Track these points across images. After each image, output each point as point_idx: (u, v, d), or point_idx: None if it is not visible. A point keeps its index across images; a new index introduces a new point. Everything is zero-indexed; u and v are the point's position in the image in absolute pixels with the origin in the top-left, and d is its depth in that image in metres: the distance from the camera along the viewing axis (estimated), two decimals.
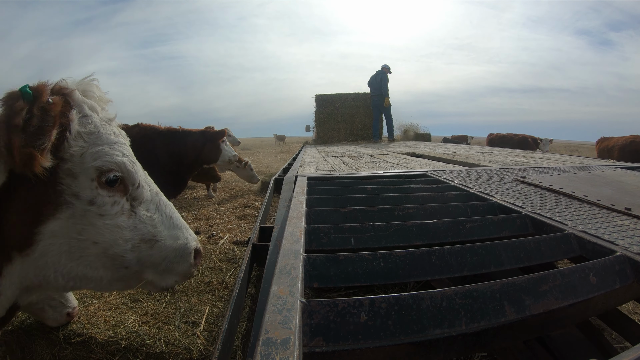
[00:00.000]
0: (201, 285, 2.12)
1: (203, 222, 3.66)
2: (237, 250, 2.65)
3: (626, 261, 0.74)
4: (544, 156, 3.49)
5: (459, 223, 1.00)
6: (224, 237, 3.05)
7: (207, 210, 4.15)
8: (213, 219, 3.80)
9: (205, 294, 2.02)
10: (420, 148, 4.81)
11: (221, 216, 3.90)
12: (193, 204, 4.60)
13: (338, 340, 0.51)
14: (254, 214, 3.91)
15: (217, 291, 2.05)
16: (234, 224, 3.53)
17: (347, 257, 0.73)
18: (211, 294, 2.02)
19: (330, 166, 2.80)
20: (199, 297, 1.98)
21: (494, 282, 0.61)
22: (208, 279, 2.20)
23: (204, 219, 3.78)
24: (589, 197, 1.27)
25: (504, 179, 1.72)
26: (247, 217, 3.84)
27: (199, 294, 2.02)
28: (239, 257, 2.51)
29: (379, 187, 1.55)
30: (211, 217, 3.88)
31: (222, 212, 4.05)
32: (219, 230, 3.32)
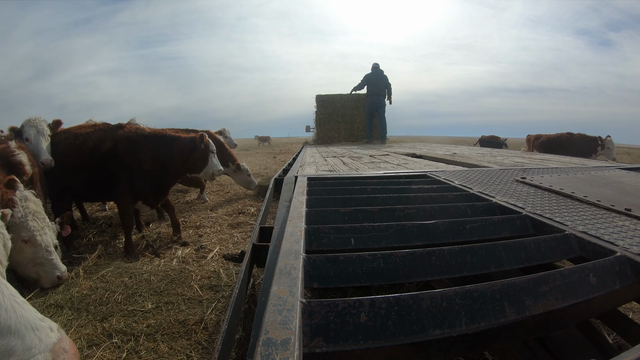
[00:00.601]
0: (174, 325, 1.64)
1: (192, 231, 3.34)
2: (223, 275, 2.19)
3: (626, 262, 0.74)
4: (544, 157, 3.50)
5: (459, 223, 1.00)
6: (214, 249, 2.75)
7: (198, 217, 3.84)
8: (204, 227, 3.47)
9: (178, 337, 1.56)
10: (421, 149, 4.81)
11: (213, 224, 3.56)
12: (184, 208, 4.25)
13: (338, 341, 0.51)
14: (248, 222, 3.57)
15: (193, 334, 1.59)
16: (225, 234, 3.22)
17: (347, 258, 0.73)
18: (186, 338, 1.56)
19: (330, 166, 2.81)
20: (169, 342, 1.53)
21: (494, 282, 0.61)
22: (184, 316, 1.71)
23: (193, 227, 3.46)
24: (589, 198, 1.27)
25: (504, 180, 1.72)
26: (240, 225, 3.50)
27: (170, 338, 1.56)
28: (224, 284, 2.07)
29: (379, 188, 1.55)
30: (202, 224, 3.55)
31: (214, 219, 3.73)
32: (208, 240, 3.00)
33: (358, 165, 2.81)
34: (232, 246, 2.88)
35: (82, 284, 2.05)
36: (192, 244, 2.92)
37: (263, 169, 8.20)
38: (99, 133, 2.81)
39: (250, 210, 4.08)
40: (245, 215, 3.89)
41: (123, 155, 2.65)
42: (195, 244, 2.92)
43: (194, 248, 2.79)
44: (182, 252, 2.70)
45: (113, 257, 2.61)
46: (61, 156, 2.75)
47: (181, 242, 2.89)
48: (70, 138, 2.84)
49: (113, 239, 3.11)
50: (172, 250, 2.76)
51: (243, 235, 3.16)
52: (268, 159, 11.71)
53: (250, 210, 4.11)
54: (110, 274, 2.19)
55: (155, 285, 2.03)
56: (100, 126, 2.93)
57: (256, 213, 3.84)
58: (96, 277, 2.15)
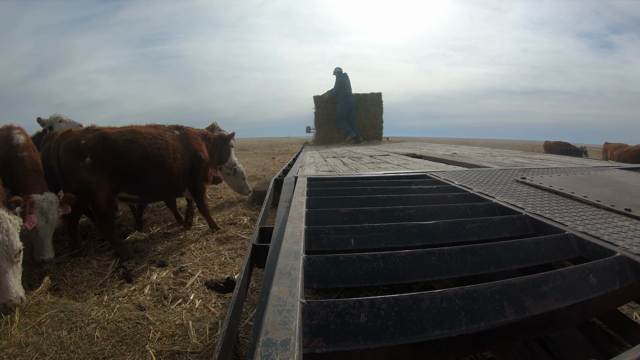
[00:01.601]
0: None
1: (175, 245, 2.90)
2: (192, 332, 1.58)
3: (626, 262, 0.74)
4: (544, 157, 3.50)
5: (459, 224, 1.00)
6: (196, 273, 2.31)
7: (183, 229, 3.38)
8: (188, 241, 3.01)
9: None
10: (421, 149, 4.82)
11: (199, 237, 3.12)
12: (170, 216, 3.79)
13: (338, 341, 0.51)
14: (239, 236, 3.10)
15: None
16: (212, 251, 2.78)
17: (347, 258, 0.73)
18: None
19: (330, 167, 2.81)
20: None
21: (494, 282, 0.61)
22: None
23: (176, 241, 3.02)
24: (589, 198, 1.27)
25: (504, 180, 1.73)
26: (230, 240, 3.03)
27: None
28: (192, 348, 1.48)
29: (379, 188, 1.55)
30: (187, 238, 3.10)
31: (201, 232, 3.27)
32: (191, 260, 2.58)
33: (358, 166, 2.81)
34: (218, 268, 2.44)
35: (12, 335, 1.51)
36: (171, 264, 2.51)
37: (260, 171, 7.76)
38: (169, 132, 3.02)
39: (242, 221, 3.62)
40: (236, 227, 3.41)
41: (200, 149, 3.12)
42: (175, 264, 2.51)
43: (173, 270, 2.37)
44: (158, 275, 2.28)
45: (64, 290, 2.09)
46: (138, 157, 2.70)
47: (159, 261, 2.55)
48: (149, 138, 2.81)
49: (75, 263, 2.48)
50: (147, 273, 2.34)
51: (232, 254, 2.71)
52: (267, 159, 11.28)
53: (243, 220, 3.65)
54: (50, 320, 1.63)
55: (98, 347, 1.46)
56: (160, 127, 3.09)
57: (249, 225, 3.45)
58: (34, 323, 1.60)
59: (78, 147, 2.51)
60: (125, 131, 2.75)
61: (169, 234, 3.22)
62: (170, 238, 3.10)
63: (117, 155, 2.59)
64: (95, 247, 2.87)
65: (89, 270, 2.39)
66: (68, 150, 2.52)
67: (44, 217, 2.16)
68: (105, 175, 2.56)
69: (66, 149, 2.53)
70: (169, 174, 2.84)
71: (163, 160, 2.79)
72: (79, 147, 2.51)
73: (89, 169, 2.49)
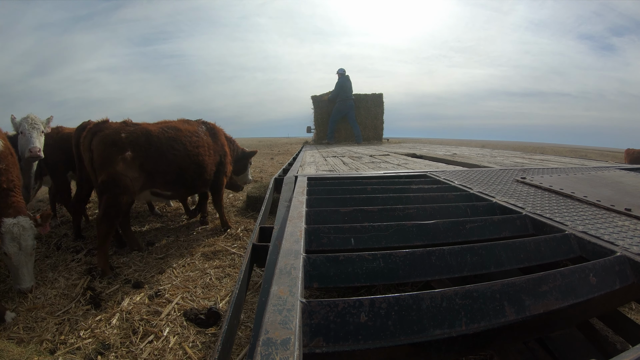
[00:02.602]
0: None
1: (155, 261, 2.51)
2: None
3: (626, 262, 0.74)
4: (544, 157, 3.50)
5: (459, 223, 1.00)
6: (175, 298, 1.96)
7: (165, 243, 2.94)
8: (169, 257, 2.63)
9: None
10: (421, 149, 4.81)
11: (183, 251, 2.74)
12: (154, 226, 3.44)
13: (338, 341, 0.51)
14: (229, 250, 2.72)
15: None
16: (196, 269, 2.39)
17: (347, 258, 0.73)
18: None
19: (330, 166, 2.81)
20: None
21: (494, 282, 0.61)
22: None
23: (158, 254, 2.65)
24: (589, 198, 1.27)
25: (504, 180, 1.73)
26: (218, 255, 2.63)
27: None
28: None
29: (379, 188, 1.55)
30: (168, 253, 2.69)
31: (185, 244, 2.92)
32: (170, 281, 2.21)
33: (358, 165, 2.81)
34: (201, 292, 2.06)
35: None
36: (147, 285, 2.17)
37: (258, 172, 7.41)
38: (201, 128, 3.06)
39: (233, 231, 3.22)
40: (226, 239, 3.03)
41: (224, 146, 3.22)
42: (152, 285, 2.16)
43: (148, 294, 2.05)
44: (131, 300, 1.97)
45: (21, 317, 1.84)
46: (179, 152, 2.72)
47: (134, 281, 2.26)
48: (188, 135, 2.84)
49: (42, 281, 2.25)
50: (118, 296, 2.03)
51: (219, 274, 2.34)
52: (265, 160, 10.99)
53: (235, 230, 3.25)
54: None
55: None
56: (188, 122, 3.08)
57: (241, 236, 3.07)
58: None
59: (119, 140, 2.44)
60: (167, 127, 2.74)
61: (152, 243, 2.90)
62: (152, 250, 2.76)
63: (159, 152, 2.58)
64: (66, 260, 2.58)
65: (54, 290, 2.11)
66: (107, 142, 2.43)
67: (16, 243, 1.96)
68: (142, 171, 2.52)
69: (104, 140, 2.43)
70: (205, 170, 2.89)
71: (202, 157, 2.84)
72: (119, 140, 2.44)
73: (128, 163, 2.44)
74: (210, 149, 2.98)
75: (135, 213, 3.99)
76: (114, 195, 2.41)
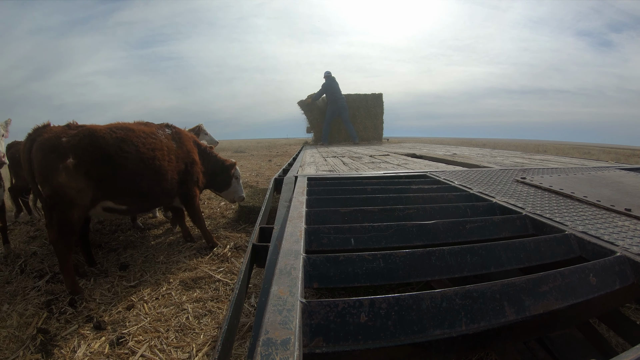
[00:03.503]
0: None
1: (124, 290, 2.09)
2: None
3: (626, 262, 0.74)
4: (544, 157, 3.50)
5: (459, 224, 1.00)
6: (141, 348, 1.55)
7: (141, 256, 2.60)
8: (143, 284, 2.18)
9: None
10: (421, 149, 4.82)
11: (158, 278, 2.26)
12: (131, 241, 3.01)
13: (338, 341, 0.51)
14: (213, 276, 2.26)
15: None
16: (171, 303, 1.93)
17: (347, 258, 0.73)
18: None
19: (330, 166, 2.81)
20: None
21: (494, 282, 0.61)
22: None
23: (125, 285, 2.18)
24: (589, 198, 1.27)
25: (504, 180, 1.73)
26: (199, 283, 2.19)
27: None
28: None
29: (379, 188, 1.55)
30: (142, 280, 2.25)
31: (162, 269, 2.41)
32: (137, 322, 1.76)
33: (358, 165, 2.81)
34: (174, 337, 1.64)
35: None
36: (110, 327, 1.74)
37: (254, 176, 6.63)
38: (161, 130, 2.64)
39: (221, 250, 2.74)
40: (211, 261, 2.55)
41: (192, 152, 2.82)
42: (116, 326, 1.73)
43: (109, 339, 1.63)
44: (87, 349, 1.57)
45: None
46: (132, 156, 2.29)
47: (96, 320, 1.79)
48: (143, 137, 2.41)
49: None
50: (74, 341, 1.62)
51: (198, 310, 1.86)
52: (263, 162, 10.41)
53: (222, 249, 2.77)
54: None
55: None
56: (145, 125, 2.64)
57: (230, 256, 2.62)
58: None
59: (59, 145, 2.04)
60: (116, 128, 2.32)
61: (125, 267, 2.45)
62: (125, 275, 2.34)
63: (106, 155, 2.17)
64: (26, 289, 2.14)
65: (5, 330, 1.72)
66: (45, 148, 2.03)
67: None
68: (90, 180, 2.12)
69: (42, 147, 2.03)
70: (164, 177, 2.46)
71: (159, 162, 2.42)
72: (60, 146, 2.04)
73: (71, 172, 2.03)
74: (172, 154, 2.54)
75: (115, 226, 3.46)
76: (62, 212, 2.04)
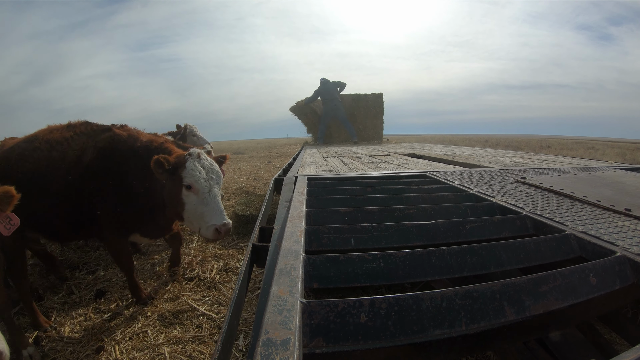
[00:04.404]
0: None
1: (94, 329, 1.78)
2: None
3: (626, 262, 0.74)
4: (544, 157, 3.49)
5: (459, 224, 1.00)
6: None
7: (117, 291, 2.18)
8: (117, 317, 1.90)
9: None
10: (421, 149, 4.82)
11: (135, 312, 1.93)
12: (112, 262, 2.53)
13: (338, 341, 0.51)
14: (198, 309, 1.92)
15: None
16: (147, 345, 1.64)
17: (347, 258, 0.73)
18: None
19: (330, 166, 2.81)
20: None
21: (494, 282, 0.61)
22: None
23: (99, 318, 1.90)
24: (589, 198, 1.27)
25: (504, 180, 1.73)
26: (181, 318, 1.85)
27: None
28: None
29: (379, 188, 1.55)
30: (116, 311, 1.95)
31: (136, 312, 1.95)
32: None
33: (358, 165, 2.81)
34: None
35: None
36: None
37: (252, 180, 6.00)
38: (81, 139, 1.92)
39: (208, 275, 2.29)
40: (196, 288, 2.16)
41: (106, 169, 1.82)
42: None
43: None
44: None
45: None
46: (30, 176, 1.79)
47: None
48: (43, 149, 1.89)
49: None
50: None
51: (176, 355, 1.58)
52: (262, 164, 9.98)
53: (209, 273, 2.32)
54: None
55: None
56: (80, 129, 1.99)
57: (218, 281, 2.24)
58: None
59: None
60: (25, 139, 1.96)
61: (101, 294, 2.13)
62: (98, 306, 2.01)
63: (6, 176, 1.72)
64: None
65: None
66: None
67: None
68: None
69: None
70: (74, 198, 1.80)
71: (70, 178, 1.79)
72: None
73: None
74: (91, 168, 1.79)
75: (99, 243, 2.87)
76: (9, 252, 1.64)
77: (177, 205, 1.71)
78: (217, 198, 1.68)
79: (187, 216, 1.72)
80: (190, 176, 1.65)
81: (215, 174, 1.74)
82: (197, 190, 1.66)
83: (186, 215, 1.71)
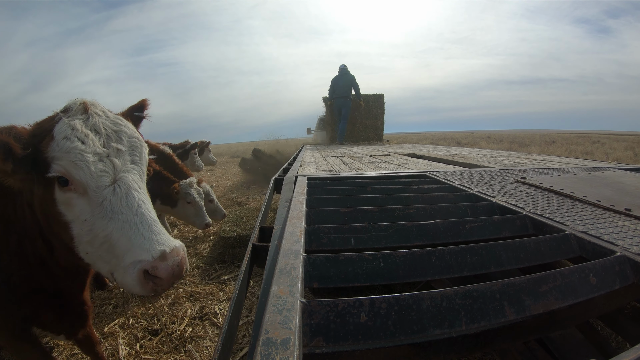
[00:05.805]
0: None
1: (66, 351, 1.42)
2: None
3: (626, 262, 0.74)
4: (544, 157, 3.49)
5: (459, 223, 1.00)
6: None
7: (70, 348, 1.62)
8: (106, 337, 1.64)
9: None
10: (421, 149, 4.82)
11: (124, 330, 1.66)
12: None
13: (338, 341, 0.51)
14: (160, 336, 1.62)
15: None
16: None
17: (347, 257, 0.73)
18: None
19: (330, 166, 2.80)
20: None
21: (494, 282, 0.61)
22: None
23: None
24: (589, 198, 1.27)
25: (504, 180, 1.72)
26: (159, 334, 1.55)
27: None
28: None
29: (379, 188, 1.55)
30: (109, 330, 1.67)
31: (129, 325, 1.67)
32: None
33: (358, 165, 2.81)
34: None
35: None
36: None
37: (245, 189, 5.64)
38: None
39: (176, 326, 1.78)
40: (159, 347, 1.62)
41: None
42: None
43: None
44: None
45: None
46: None
47: None
48: None
49: None
50: None
51: None
52: None
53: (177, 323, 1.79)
54: None
55: None
56: None
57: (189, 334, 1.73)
58: None
59: None
60: None
61: None
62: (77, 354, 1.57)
63: None
64: None
65: None
66: None
67: None
68: None
69: None
70: None
71: None
72: None
73: None
74: None
75: None
76: None
77: (55, 227, 0.85)
78: (135, 196, 0.82)
79: (83, 250, 0.83)
80: (62, 151, 0.78)
81: (127, 141, 0.88)
82: (82, 185, 0.79)
83: (81, 247, 0.83)
